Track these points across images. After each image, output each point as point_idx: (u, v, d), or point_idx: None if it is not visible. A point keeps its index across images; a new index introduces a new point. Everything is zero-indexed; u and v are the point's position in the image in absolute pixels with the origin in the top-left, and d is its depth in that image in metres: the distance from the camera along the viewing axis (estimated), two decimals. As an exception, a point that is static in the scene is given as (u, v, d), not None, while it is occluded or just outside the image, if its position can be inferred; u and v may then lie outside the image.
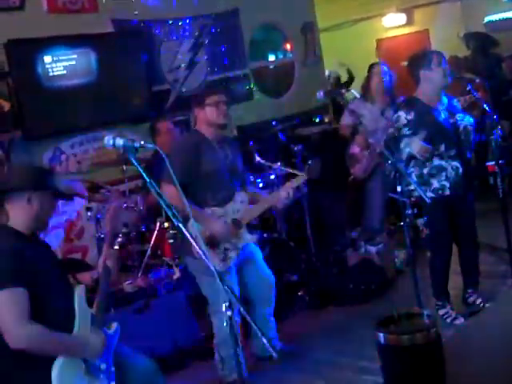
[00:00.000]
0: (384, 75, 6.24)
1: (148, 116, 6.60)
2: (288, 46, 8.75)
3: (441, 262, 4.76)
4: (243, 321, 4.15)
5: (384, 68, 6.30)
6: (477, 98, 4.81)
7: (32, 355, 2.76)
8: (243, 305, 2.79)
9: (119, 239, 3.47)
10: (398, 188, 4.20)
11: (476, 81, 4.91)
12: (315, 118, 8.15)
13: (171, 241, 5.27)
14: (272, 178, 5.98)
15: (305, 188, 5.86)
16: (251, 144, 6.11)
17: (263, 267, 4.54)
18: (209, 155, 4.25)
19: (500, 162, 4.80)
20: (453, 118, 4.60)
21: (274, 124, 7.04)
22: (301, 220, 6.18)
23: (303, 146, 6.18)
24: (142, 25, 6.83)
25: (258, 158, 5.98)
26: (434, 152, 4.53)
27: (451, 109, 4.66)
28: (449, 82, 4.61)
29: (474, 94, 4.76)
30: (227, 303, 2.66)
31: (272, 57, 8.66)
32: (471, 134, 4.64)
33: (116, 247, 3.49)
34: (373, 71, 6.41)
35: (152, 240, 5.35)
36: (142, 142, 2.86)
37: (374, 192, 6.43)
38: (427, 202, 4.17)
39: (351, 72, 10.18)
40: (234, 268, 4.29)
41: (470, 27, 9.88)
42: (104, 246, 3.47)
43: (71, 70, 6.06)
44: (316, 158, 4.63)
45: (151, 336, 4.72)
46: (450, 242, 4.74)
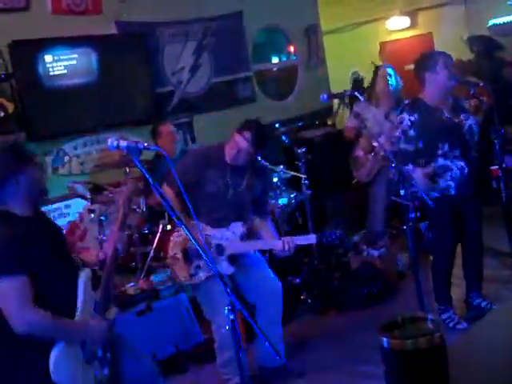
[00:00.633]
0: (389, 78, 6.24)
1: (151, 118, 6.61)
2: (291, 49, 8.76)
3: (443, 265, 4.74)
4: (245, 325, 4.14)
5: (390, 71, 6.29)
6: (481, 101, 4.80)
7: (32, 340, 2.78)
8: (245, 308, 2.78)
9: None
10: (402, 192, 4.18)
11: (480, 85, 4.89)
12: (318, 121, 8.14)
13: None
14: (275, 180, 5.97)
15: (308, 190, 5.85)
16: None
17: (269, 274, 4.45)
18: (214, 177, 4.21)
19: (503, 166, 4.79)
20: (457, 118, 4.58)
21: (277, 126, 7.04)
22: (303, 223, 6.17)
23: (306, 148, 6.18)
24: (145, 27, 6.83)
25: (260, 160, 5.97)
26: (438, 152, 4.52)
27: (456, 109, 4.64)
28: (453, 85, 4.60)
29: (477, 97, 4.76)
30: (229, 306, 2.66)
31: (275, 59, 8.67)
32: (476, 134, 4.61)
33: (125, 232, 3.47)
34: (378, 74, 6.40)
35: (155, 242, 5.35)
36: (146, 144, 2.85)
37: (378, 195, 6.42)
38: (430, 205, 4.15)
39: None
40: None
41: (474, 31, 9.86)
42: (114, 228, 3.41)
43: (73, 71, 6.07)
44: (337, 229, 4.42)
45: (153, 339, 4.71)
46: (453, 245, 4.70)
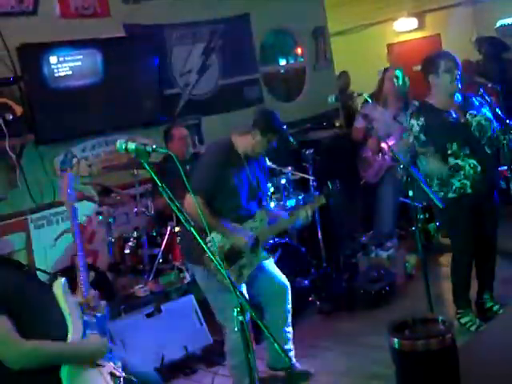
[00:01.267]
0: (396, 80, 6.24)
1: (159, 120, 6.62)
2: (299, 51, 8.75)
3: (464, 268, 4.68)
4: (254, 328, 4.13)
5: (398, 73, 6.29)
6: (490, 102, 4.78)
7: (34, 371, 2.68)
8: (255, 311, 2.77)
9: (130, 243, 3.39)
10: (410, 193, 4.17)
11: (488, 85, 4.88)
12: (326, 123, 8.12)
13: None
14: (283, 182, 5.96)
15: (316, 192, 5.84)
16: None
17: (276, 274, 4.45)
18: (236, 172, 4.18)
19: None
20: (463, 118, 4.55)
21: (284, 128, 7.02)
22: (312, 224, 6.15)
23: (314, 150, 6.17)
24: (153, 29, 6.84)
25: (268, 163, 5.97)
26: (448, 152, 4.51)
27: (464, 108, 4.61)
28: (458, 87, 4.55)
29: (487, 97, 4.74)
30: (238, 308, 2.65)
31: (283, 61, 8.66)
32: (488, 129, 4.54)
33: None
34: (385, 75, 6.40)
35: (163, 244, 5.36)
36: (154, 146, 2.85)
37: (386, 196, 6.42)
38: (440, 207, 4.12)
39: None
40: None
41: (482, 32, 9.82)
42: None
43: (81, 73, 6.07)
44: (335, 182, 4.51)
45: (162, 340, 4.72)
46: (473, 246, 4.65)
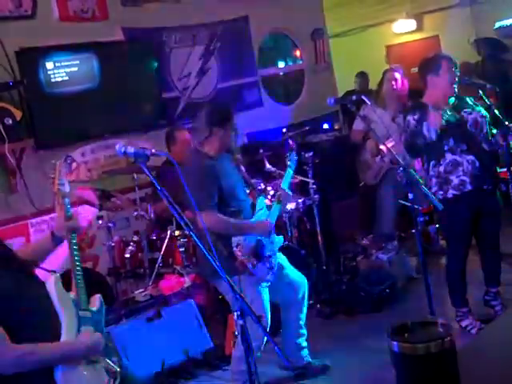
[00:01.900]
0: (395, 82, 6.24)
1: (158, 123, 6.63)
2: (298, 53, 8.76)
3: (457, 264, 4.67)
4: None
5: (397, 74, 6.29)
6: (488, 104, 4.78)
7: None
8: (255, 314, 2.76)
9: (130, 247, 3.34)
10: (410, 195, 4.17)
11: (487, 87, 4.87)
12: (325, 125, 8.13)
13: (182, 249, 5.27)
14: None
15: (316, 195, 5.84)
16: (261, 151, 6.09)
17: (291, 269, 4.49)
18: (224, 173, 4.21)
19: (512, 168, 4.76)
20: (459, 115, 4.55)
21: (284, 131, 7.04)
22: (311, 227, 6.16)
23: (314, 152, 6.17)
24: (151, 32, 6.84)
25: (268, 166, 5.98)
26: (445, 148, 4.51)
27: (458, 107, 4.60)
28: (455, 91, 4.57)
29: (486, 99, 4.73)
30: (238, 312, 2.65)
31: (282, 64, 8.68)
32: (484, 125, 4.54)
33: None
34: (385, 77, 6.41)
35: (163, 248, 5.35)
36: (153, 150, 2.85)
37: (385, 199, 6.41)
38: (439, 209, 4.12)
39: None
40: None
41: (481, 33, 9.85)
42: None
43: (79, 77, 6.09)
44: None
45: (163, 345, 4.71)
46: (468, 243, 4.65)
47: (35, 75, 5.78)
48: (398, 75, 6.31)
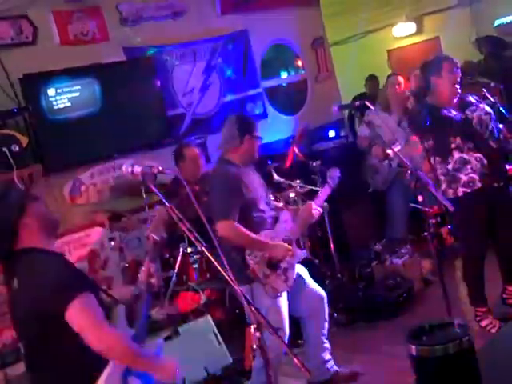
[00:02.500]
0: (398, 86, 6.25)
1: (164, 141, 6.64)
2: (299, 63, 8.76)
3: (474, 264, 4.64)
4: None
5: (400, 78, 6.30)
6: (493, 101, 4.77)
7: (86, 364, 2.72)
8: (272, 326, 2.75)
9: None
10: (420, 197, 4.15)
11: (491, 85, 4.87)
12: (332, 132, 8.11)
13: (195, 265, 5.25)
14: (292, 195, 5.94)
15: (325, 203, 5.81)
16: (269, 163, 6.07)
17: (311, 282, 4.49)
18: (247, 183, 4.21)
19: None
20: (463, 114, 4.54)
21: (290, 141, 7.03)
22: (324, 236, 6.13)
23: (321, 161, 6.16)
24: (153, 50, 6.87)
25: (276, 177, 5.96)
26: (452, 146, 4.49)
27: (462, 107, 4.59)
28: (458, 91, 4.56)
29: (490, 97, 4.72)
30: (255, 325, 2.63)
31: (284, 74, 8.68)
32: (490, 123, 4.50)
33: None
34: (389, 81, 6.41)
35: (176, 266, 5.34)
36: (161, 168, 2.86)
37: (396, 203, 6.39)
38: (450, 209, 4.09)
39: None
40: None
41: (481, 32, 9.83)
42: (146, 260, 3.34)
43: (81, 100, 6.11)
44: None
45: (182, 363, 4.67)
46: (484, 241, 4.61)
47: (39, 101, 5.81)
48: (401, 79, 6.32)
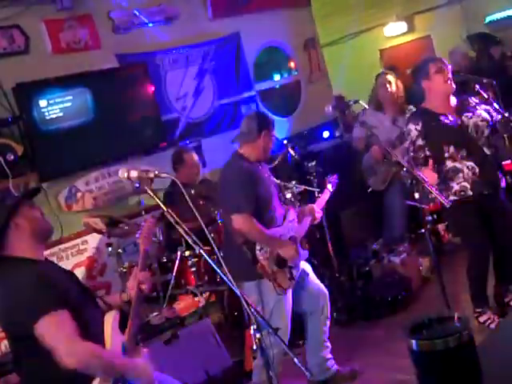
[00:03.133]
0: (389, 85, 6.23)
1: (159, 146, 6.66)
2: (292, 64, 8.78)
3: (480, 267, 4.63)
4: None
5: (390, 77, 6.29)
6: (486, 97, 4.77)
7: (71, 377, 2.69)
8: (271, 326, 2.76)
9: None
10: (416, 195, 4.15)
11: (484, 81, 4.87)
12: (326, 133, 8.12)
13: (193, 269, 5.26)
14: (288, 196, 5.95)
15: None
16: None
17: (315, 279, 4.51)
18: (261, 180, 4.26)
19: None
20: (459, 120, 4.55)
21: (285, 143, 7.03)
22: (321, 237, 6.14)
23: (316, 161, 6.16)
24: (145, 57, 6.88)
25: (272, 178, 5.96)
26: (445, 155, 4.50)
27: (460, 111, 4.61)
28: (452, 88, 4.56)
29: (484, 93, 4.72)
30: (255, 326, 2.64)
31: (277, 76, 8.69)
32: (485, 129, 4.54)
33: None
34: (378, 82, 6.40)
35: (174, 270, 5.34)
36: (156, 172, 2.87)
37: (394, 201, 6.39)
38: (447, 206, 4.10)
39: None
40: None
41: (472, 29, 9.86)
42: (136, 268, 3.34)
43: (72, 110, 6.11)
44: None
45: (182, 366, 4.68)
46: (486, 246, 4.59)
47: (33, 109, 5.82)
48: (390, 78, 6.29)
